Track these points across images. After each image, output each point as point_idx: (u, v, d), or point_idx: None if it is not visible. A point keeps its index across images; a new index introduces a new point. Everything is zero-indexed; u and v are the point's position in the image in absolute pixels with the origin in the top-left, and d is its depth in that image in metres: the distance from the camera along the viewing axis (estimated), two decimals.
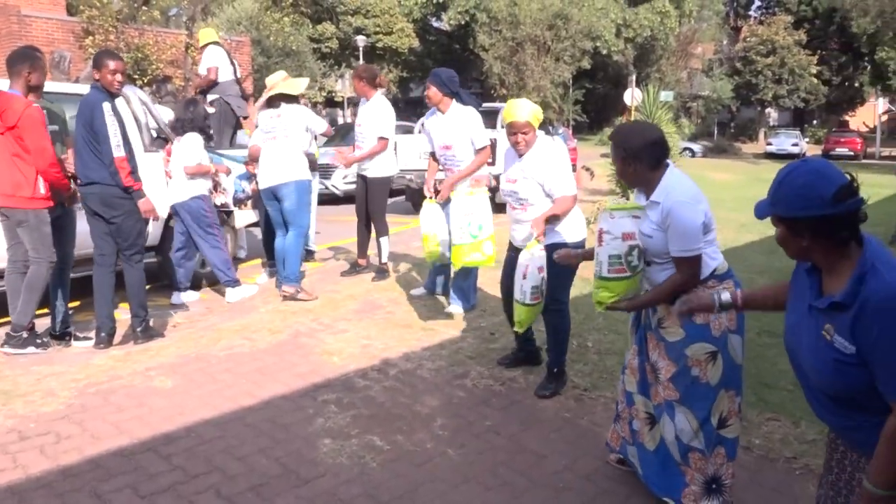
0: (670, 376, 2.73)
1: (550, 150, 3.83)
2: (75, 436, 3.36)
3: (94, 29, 15.21)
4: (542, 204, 3.81)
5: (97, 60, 4.56)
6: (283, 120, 5.76)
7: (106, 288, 4.69)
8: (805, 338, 1.77)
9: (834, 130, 38.01)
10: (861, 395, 1.67)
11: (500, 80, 32.67)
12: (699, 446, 2.69)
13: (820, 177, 1.66)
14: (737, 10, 49.54)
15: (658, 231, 2.69)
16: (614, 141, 2.83)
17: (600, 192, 12.97)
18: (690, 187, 2.71)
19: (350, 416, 3.63)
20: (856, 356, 1.63)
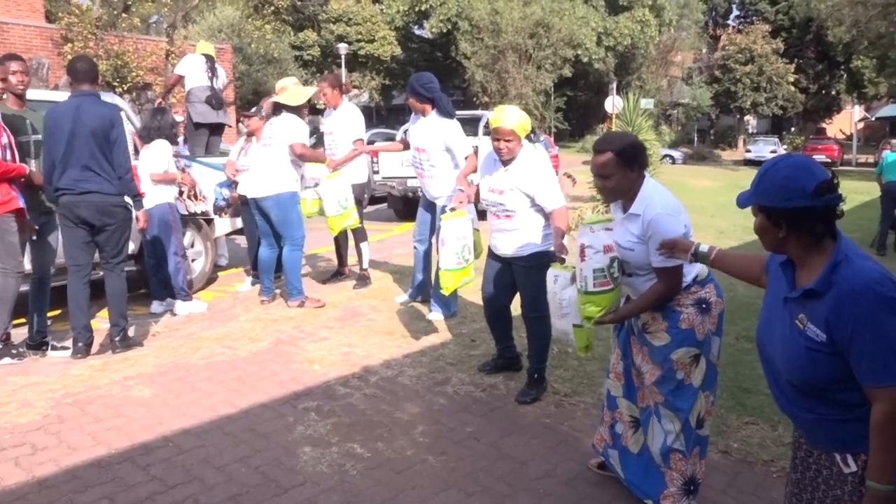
0: (654, 380, 2.75)
1: (537, 162, 3.79)
2: (51, 447, 3.32)
3: (72, 36, 15.09)
4: (528, 214, 3.81)
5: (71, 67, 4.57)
6: (273, 129, 5.69)
7: (82, 298, 4.64)
8: (778, 329, 1.81)
9: (811, 138, 38.50)
10: (829, 386, 1.71)
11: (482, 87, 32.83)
12: (680, 447, 2.73)
13: (803, 170, 1.72)
14: (715, 20, 50.11)
15: (639, 244, 2.70)
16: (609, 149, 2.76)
17: (581, 198, 13.04)
18: (669, 198, 2.73)
19: (330, 423, 3.61)
20: (827, 344, 1.66)
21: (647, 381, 2.78)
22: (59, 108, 4.53)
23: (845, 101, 45.03)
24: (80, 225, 4.53)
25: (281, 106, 5.72)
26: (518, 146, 3.75)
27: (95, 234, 4.60)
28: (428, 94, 5.23)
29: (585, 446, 3.42)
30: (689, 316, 2.68)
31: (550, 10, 32.30)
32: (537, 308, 3.94)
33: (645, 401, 2.84)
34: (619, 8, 36.61)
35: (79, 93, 4.58)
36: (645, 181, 2.75)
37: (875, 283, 1.62)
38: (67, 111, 4.48)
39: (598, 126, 37.99)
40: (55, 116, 4.47)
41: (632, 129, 12.81)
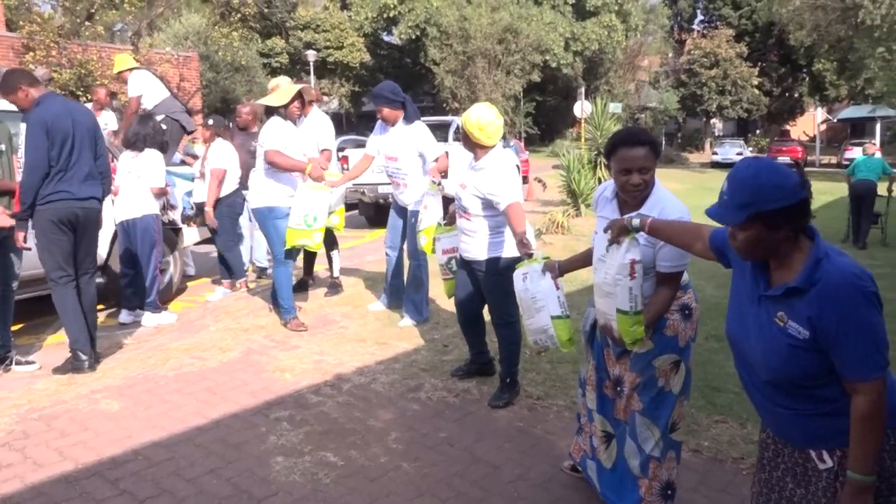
0: (634, 386, 2.72)
1: (501, 162, 3.80)
2: (16, 463, 3.25)
3: (34, 45, 14.83)
4: (482, 218, 3.82)
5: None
6: (261, 136, 5.33)
7: (77, 307, 4.51)
8: (754, 327, 1.82)
9: (776, 139, 39.16)
10: (807, 382, 1.73)
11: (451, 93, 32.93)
12: (657, 454, 2.72)
13: (780, 169, 1.75)
14: (681, 24, 50.84)
15: (648, 247, 2.59)
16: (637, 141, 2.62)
17: (552, 202, 13.12)
18: (679, 202, 2.67)
19: (303, 432, 3.58)
20: (810, 341, 1.69)
21: (627, 389, 2.74)
22: (49, 110, 4.28)
23: (808, 104, 45.92)
24: (70, 232, 4.42)
25: (270, 110, 5.32)
26: (472, 145, 3.81)
27: (84, 240, 4.52)
28: (400, 98, 5.25)
29: (558, 449, 3.44)
30: (675, 322, 2.67)
31: (518, 15, 32.55)
32: (504, 314, 3.97)
33: (620, 414, 2.79)
34: (586, 13, 37.00)
35: (50, 93, 4.45)
36: (656, 183, 2.70)
37: (856, 277, 1.65)
38: (62, 113, 4.32)
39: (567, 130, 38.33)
40: (48, 119, 4.23)
41: (600, 133, 12.94)
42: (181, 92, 17.31)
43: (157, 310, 5.80)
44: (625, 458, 2.79)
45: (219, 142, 6.47)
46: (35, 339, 5.47)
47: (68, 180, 4.34)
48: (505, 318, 3.97)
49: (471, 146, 3.84)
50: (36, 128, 4.20)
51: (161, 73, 14.97)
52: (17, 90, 4.30)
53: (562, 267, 3.10)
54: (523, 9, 33.84)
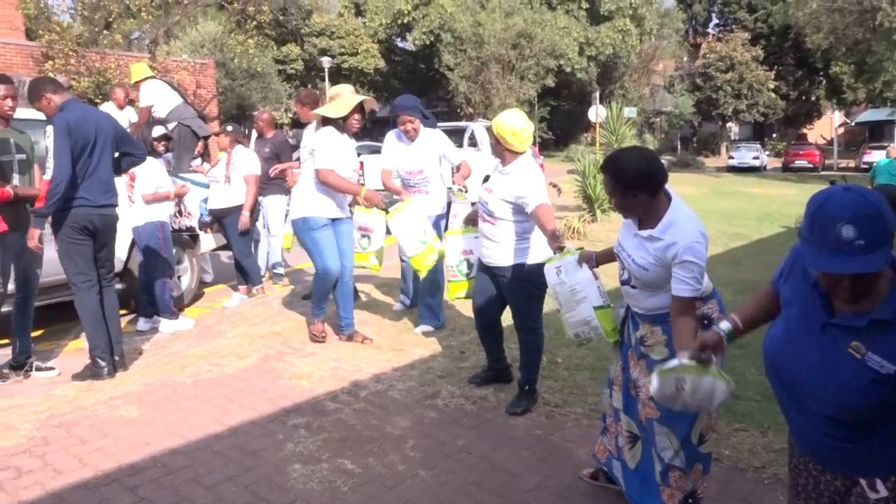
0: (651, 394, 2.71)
1: (531, 168, 3.81)
2: (37, 470, 3.27)
3: (53, 53, 14.99)
4: (509, 223, 3.81)
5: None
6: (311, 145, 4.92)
7: (98, 313, 4.54)
8: (815, 357, 1.68)
9: (793, 143, 38.89)
10: (879, 415, 1.62)
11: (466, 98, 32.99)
12: (680, 465, 2.68)
13: (879, 199, 1.57)
14: (696, 28, 50.66)
15: (656, 266, 2.58)
16: (610, 171, 2.61)
17: (567, 208, 13.08)
18: (695, 222, 2.58)
19: (320, 439, 3.58)
20: (894, 377, 1.56)
21: (643, 396, 2.73)
22: (70, 115, 4.31)
23: (825, 107, 45.59)
24: (90, 238, 4.46)
25: (327, 120, 4.87)
26: (503, 151, 3.80)
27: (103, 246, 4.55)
28: (425, 112, 5.32)
29: (577, 457, 3.42)
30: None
31: (532, 21, 32.57)
32: (527, 319, 3.95)
33: (642, 417, 2.78)
34: (601, 18, 36.96)
35: (72, 100, 4.49)
36: (672, 203, 2.60)
37: None
38: (83, 118, 4.36)
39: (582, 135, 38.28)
40: (70, 123, 4.27)
41: (615, 137, 12.90)
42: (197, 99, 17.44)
43: (172, 316, 5.83)
44: (650, 460, 2.77)
45: (240, 149, 6.51)
46: (55, 346, 5.51)
47: (87, 188, 4.38)
48: (528, 324, 3.95)
49: (500, 151, 3.84)
50: (60, 131, 4.24)
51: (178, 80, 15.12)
52: (41, 97, 4.37)
53: (598, 258, 3.10)
54: (537, 14, 33.86)
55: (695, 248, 2.49)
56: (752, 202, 16.97)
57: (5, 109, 4.50)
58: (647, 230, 2.61)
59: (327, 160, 4.74)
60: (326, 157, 4.74)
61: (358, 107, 4.86)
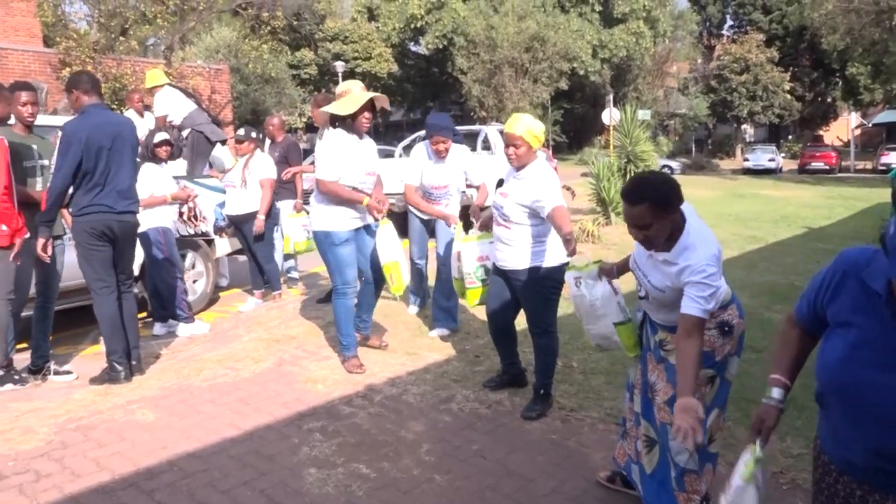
0: (667, 399, 2.70)
1: (546, 171, 3.82)
2: (55, 474, 3.30)
3: (70, 60, 15.16)
4: (525, 227, 3.81)
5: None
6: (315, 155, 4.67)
7: (116, 317, 4.58)
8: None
9: (809, 145, 38.53)
10: None
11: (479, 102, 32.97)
12: (694, 467, 2.68)
13: None
14: (710, 30, 50.38)
15: (672, 290, 2.58)
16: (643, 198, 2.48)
17: (581, 211, 13.04)
18: (711, 245, 2.54)
19: (335, 444, 3.59)
20: None
21: (659, 400, 2.73)
22: (88, 122, 4.37)
23: (841, 108, 45.21)
24: (109, 244, 4.49)
25: (336, 118, 4.53)
26: (528, 153, 3.78)
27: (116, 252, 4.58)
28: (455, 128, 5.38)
29: (593, 462, 3.40)
30: (711, 338, 2.63)
31: (545, 24, 32.52)
32: (541, 323, 3.94)
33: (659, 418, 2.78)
34: (614, 20, 36.87)
35: (97, 105, 4.51)
36: (687, 224, 2.57)
37: None
38: (102, 125, 4.40)
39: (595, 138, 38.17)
40: (87, 130, 4.31)
41: (629, 140, 12.84)
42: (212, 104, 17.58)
43: (188, 319, 5.86)
44: (666, 465, 2.76)
45: (257, 153, 6.55)
46: (72, 349, 5.56)
47: (107, 195, 4.42)
48: (543, 327, 3.94)
49: (519, 157, 3.81)
50: (69, 136, 4.28)
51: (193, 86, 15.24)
52: (72, 92, 4.46)
53: (618, 269, 3.07)
54: (550, 17, 33.81)
55: (705, 270, 2.45)
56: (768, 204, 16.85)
57: (26, 116, 4.56)
58: (662, 253, 2.58)
59: (328, 169, 4.44)
60: (327, 166, 4.44)
61: (368, 104, 4.49)
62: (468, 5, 35.61)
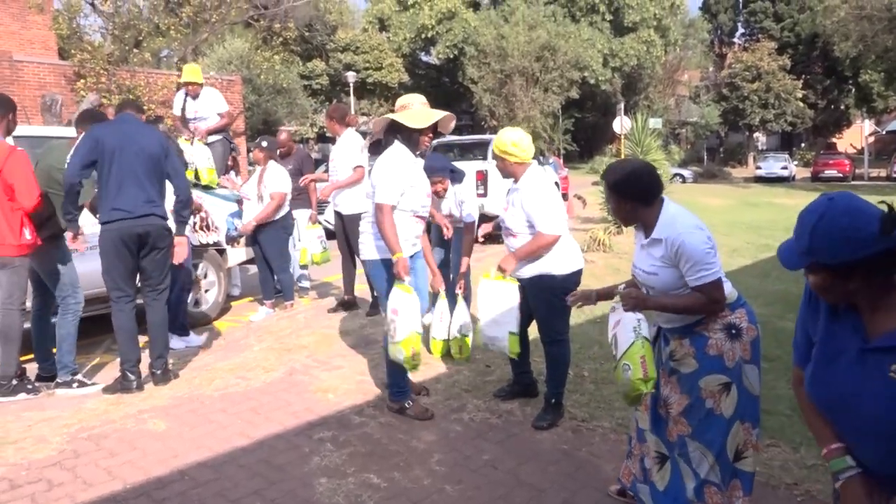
0: (682, 410, 2.68)
1: (538, 183, 3.83)
2: (67, 483, 3.31)
3: (85, 72, 15.32)
4: (528, 235, 3.83)
5: None
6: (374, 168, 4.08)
7: (134, 329, 4.63)
8: (863, 387, 1.60)
9: (822, 153, 38.33)
10: None
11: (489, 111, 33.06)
12: (715, 480, 2.64)
13: (858, 214, 1.55)
14: (721, 38, 50.34)
15: (664, 268, 2.68)
16: (606, 182, 2.84)
17: (592, 220, 13.01)
18: (691, 218, 2.73)
19: (346, 453, 3.58)
20: None
21: (674, 412, 2.70)
22: (105, 130, 4.52)
23: (855, 116, 44.98)
24: (130, 250, 4.51)
25: (396, 130, 4.01)
26: (511, 165, 3.85)
27: (142, 259, 4.61)
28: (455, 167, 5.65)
29: (604, 472, 3.38)
30: (718, 342, 2.62)
31: (556, 33, 32.60)
32: (552, 332, 3.93)
33: (673, 435, 2.75)
34: (625, 29, 36.88)
35: (126, 116, 4.66)
36: (665, 205, 2.75)
37: None
38: (117, 132, 4.51)
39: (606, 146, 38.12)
40: (101, 138, 4.44)
41: (641, 149, 12.81)
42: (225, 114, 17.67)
43: (183, 331, 5.85)
44: (680, 479, 2.72)
45: (272, 164, 6.58)
46: (85, 359, 5.59)
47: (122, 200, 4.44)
48: (554, 336, 3.93)
49: (508, 168, 3.89)
50: (87, 136, 4.49)
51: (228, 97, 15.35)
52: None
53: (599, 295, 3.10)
54: (561, 26, 33.89)
55: (685, 237, 2.62)
56: (781, 213, 16.73)
57: None
58: (648, 238, 2.76)
59: (389, 192, 3.84)
60: (389, 188, 3.84)
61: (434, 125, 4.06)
62: (479, 15, 35.76)
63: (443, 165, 5.37)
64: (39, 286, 4.74)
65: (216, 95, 7.70)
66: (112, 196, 4.45)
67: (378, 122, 4.11)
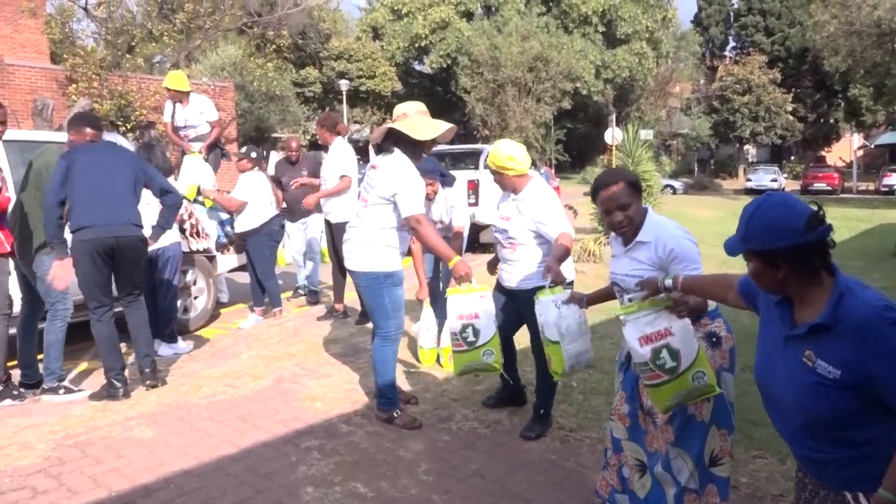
0: (668, 418, 2.68)
1: (544, 191, 3.87)
2: (52, 490, 3.28)
3: (77, 77, 15.28)
4: (531, 246, 3.83)
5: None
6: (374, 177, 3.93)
7: (114, 338, 4.61)
8: (782, 369, 1.78)
9: (811, 166, 38.63)
10: (838, 423, 1.68)
11: (482, 121, 33.15)
12: (694, 487, 2.66)
13: (789, 208, 1.72)
14: (712, 51, 50.71)
15: (650, 270, 2.73)
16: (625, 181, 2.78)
17: (584, 230, 13.04)
18: (674, 226, 2.82)
19: (333, 462, 3.57)
20: (840, 381, 1.63)
21: (661, 422, 2.71)
22: (81, 150, 4.54)
23: (844, 129, 45.37)
24: (104, 260, 4.48)
25: (396, 139, 3.92)
26: (510, 179, 3.86)
27: (117, 268, 4.59)
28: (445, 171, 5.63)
29: (592, 482, 3.37)
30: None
31: (549, 44, 32.76)
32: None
33: (654, 445, 2.75)
34: (617, 41, 37.11)
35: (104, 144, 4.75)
36: (649, 211, 2.83)
37: (884, 310, 1.61)
38: (94, 151, 4.55)
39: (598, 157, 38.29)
40: (77, 157, 4.46)
41: (632, 160, 12.86)
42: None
43: (172, 339, 5.84)
44: (659, 487, 2.73)
45: (253, 174, 6.57)
46: (72, 365, 5.55)
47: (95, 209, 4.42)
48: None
49: (508, 182, 3.87)
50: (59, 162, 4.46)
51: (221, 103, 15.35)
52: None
53: (588, 299, 3.25)
54: (553, 37, 34.04)
55: (678, 238, 2.74)
56: None
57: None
58: (632, 242, 2.81)
59: (419, 202, 3.79)
60: (418, 200, 3.79)
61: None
62: (472, 25, 35.90)
63: (433, 167, 5.36)
64: (29, 292, 4.72)
65: (206, 103, 7.68)
66: (84, 206, 4.41)
67: (379, 130, 4.02)
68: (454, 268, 3.76)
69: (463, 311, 3.71)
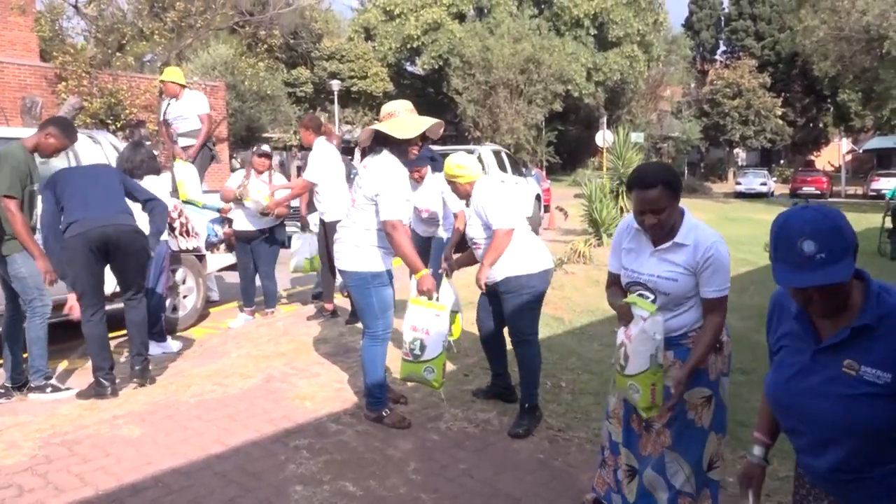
0: (666, 421, 2.68)
1: (485, 189, 3.95)
2: (38, 489, 3.26)
3: (67, 74, 15.19)
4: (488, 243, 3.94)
5: None
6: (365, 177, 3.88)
7: (104, 337, 4.60)
8: (816, 386, 1.66)
9: (800, 170, 38.88)
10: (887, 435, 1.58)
11: (473, 122, 33.15)
12: (690, 491, 2.67)
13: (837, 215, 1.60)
14: (703, 55, 50.94)
15: (685, 275, 2.61)
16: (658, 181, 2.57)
17: (574, 232, 13.08)
18: (711, 229, 2.73)
19: (322, 461, 3.57)
20: (892, 385, 1.54)
21: (658, 425, 2.69)
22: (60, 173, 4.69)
23: (833, 134, 45.65)
24: (97, 257, 4.47)
25: (383, 140, 3.88)
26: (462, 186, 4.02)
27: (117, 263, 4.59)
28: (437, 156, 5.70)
29: (581, 482, 3.39)
30: None
31: (540, 46, 32.81)
32: (519, 332, 3.98)
33: (647, 449, 2.75)
34: (608, 44, 37.19)
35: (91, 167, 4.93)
36: (685, 212, 2.70)
37: None
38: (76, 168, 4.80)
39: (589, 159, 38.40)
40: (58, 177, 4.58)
41: (622, 162, 12.92)
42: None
43: (161, 338, 5.81)
44: (648, 492, 2.73)
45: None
46: (59, 364, 5.52)
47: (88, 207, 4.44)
48: (520, 336, 3.97)
49: (461, 189, 4.04)
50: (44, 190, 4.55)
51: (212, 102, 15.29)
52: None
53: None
54: (545, 39, 34.11)
55: (719, 245, 2.61)
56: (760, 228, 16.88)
57: None
58: (666, 242, 2.65)
59: (400, 208, 3.75)
60: (399, 204, 3.75)
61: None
62: (464, 27, 35.90)
63: (422, 155, 5.32)
64: (11, 292, 4.68)
65: (199, 97, 7.65)
66: (75, 204, 4.44)
67: (365, 132, 3.99)
68: (420, 280, 3.78)
69: (417, 323, 3.82)
